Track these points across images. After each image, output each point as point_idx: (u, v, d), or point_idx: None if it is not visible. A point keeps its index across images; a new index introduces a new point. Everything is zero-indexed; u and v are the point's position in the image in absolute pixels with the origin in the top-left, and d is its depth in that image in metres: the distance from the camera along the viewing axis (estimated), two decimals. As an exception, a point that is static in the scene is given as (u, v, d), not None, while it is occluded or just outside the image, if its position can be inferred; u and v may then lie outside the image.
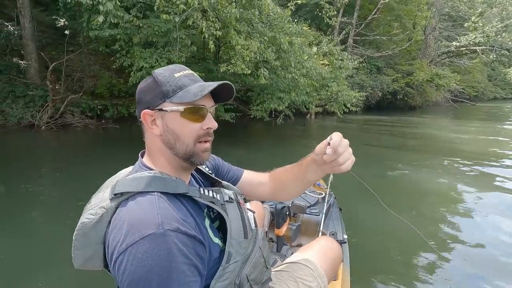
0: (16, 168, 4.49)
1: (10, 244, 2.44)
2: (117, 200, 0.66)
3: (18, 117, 7.27)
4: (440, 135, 9.71)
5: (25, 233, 2.62)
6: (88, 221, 0.67)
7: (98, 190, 0.76)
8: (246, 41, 5.18)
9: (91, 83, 8.92)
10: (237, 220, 0.76)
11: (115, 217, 0.64)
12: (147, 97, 0.72)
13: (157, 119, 0.72)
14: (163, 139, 0.72)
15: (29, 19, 7.65)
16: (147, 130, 0.74)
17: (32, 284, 1.94)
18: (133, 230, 0.58)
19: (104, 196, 0.70)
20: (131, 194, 0.65)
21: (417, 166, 5.35)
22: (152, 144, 0.75)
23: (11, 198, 3.38)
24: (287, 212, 1.59)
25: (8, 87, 7.49)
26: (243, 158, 5.46)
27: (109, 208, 0.66)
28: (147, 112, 0.71)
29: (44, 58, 7.99)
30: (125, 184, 0.66)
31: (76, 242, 0.69)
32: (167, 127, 0.71)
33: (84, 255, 0.70)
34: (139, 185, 0.65)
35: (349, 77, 12.04)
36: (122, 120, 8.81)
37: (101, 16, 4.07)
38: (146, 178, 0.67)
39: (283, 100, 6.79)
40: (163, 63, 5.01)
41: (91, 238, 0.68)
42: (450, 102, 22.92)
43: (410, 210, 3.32)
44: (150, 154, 0.76)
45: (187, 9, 4.36)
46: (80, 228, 0.68)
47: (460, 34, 19.45)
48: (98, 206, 0.68)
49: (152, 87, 0.72)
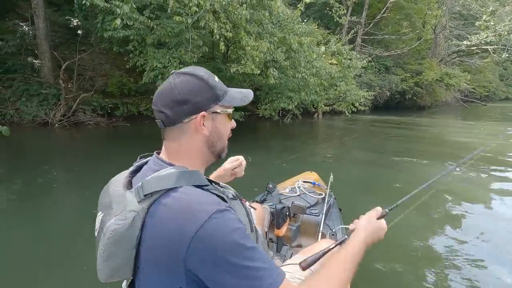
0: (31, 163, 4.63)
1: (25, 232, 2.54)
2: (148, 200, 0.65)
3: (32, 115, 7.46)
4: (449, 135, 9.61)
5: (40, 222, 2.74)
6: (120, 226, 0.64)
7: (104, 204, 0.73)
8: (256, 41, 5.23)
9: (102, 82, 9.10)
10: (243, 215, 0.78)
11: (153, 216, 0.64)
12: (198, 98, 0.73)
13: (207, 120, 0.75)
14: (209, 138, 0.77)
15: (43, 19, 7.82)
16: (192, 131, 0.74)
17: (50, 271, 2.03)
18: (198, 213, 0.61)
19: (129, 200, 0.66)
20: (163, 191, 0.65)
21: (425, 166, 5.33)
22: (192, 144, 0.76)
23: (26, 191, 3.50)
24: (287, 212, 1.58)
25: (23, 86, 7.69)
26: (251, 156, 5.51)
27: (140, 210, 0.64)
28: (203, 114, 0.74)
29: (57, 57, 8.19)
30: (154, 183, 0.66)
31: (106, 252, 0.66)
32: (216, 128, 0.77)
33: (113, 265, 0.67)
34: (171, 181, 0.66)
35: (357, 77, 11.99)
36: (132, 118, 8.96)
37: (118, 19, 4.17)
38: (175, 174, 0.67)
39: (293, 99, 6.82)
40: (176, 63, 5.10)
41: (123, 244, 0.65)
42: (460, 102, 22.59)
43: (415, 210, 3.33)
44: (180, 153, 0.76)
45: (199, 10, 4.43)
46: (112, 235, 0.64)
47: (471, 33, 19.12)
48: (126, 211, 0.65)
49: (203, 89, 0.74)
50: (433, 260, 2.35)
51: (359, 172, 4.92)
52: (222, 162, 1.16)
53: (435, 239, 2.70)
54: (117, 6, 4.16)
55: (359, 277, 1.78)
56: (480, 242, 2.65)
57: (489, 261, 2.34)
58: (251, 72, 5.31)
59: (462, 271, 2.20)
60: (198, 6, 4.35)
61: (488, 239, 2.70)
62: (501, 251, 2.50)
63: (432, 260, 2.35)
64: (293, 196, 2.08)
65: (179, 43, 5.26)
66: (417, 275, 2.15)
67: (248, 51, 5.15)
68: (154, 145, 0.83)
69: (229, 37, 4.99)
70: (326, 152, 6.54)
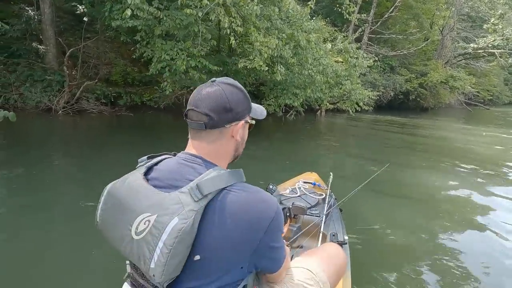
0: (34, 149, 4.64)
1: (29, 218, 2.57)
2: (205, 200, 0.70)
3: (36, 100, 7.45)
4: (451, 138, 9.61)
5: (44, 209, 2.77)
6: (185, 225, 0.67)
7: (152, 205, 0.72)
8: (265, 37, 5.20)
9: (106, 70, 9.06)
10: None
11: (213, 211, 0.71)
12: (240, 108, 0.84)
13: (241, 128, 0.86)
14: (238, 143, 0.89)
15: (48, 5, 7.74)
16: (229, 136, 0.85)
17: (53, 258, 2.06)
18: (271, 199, 0.77)
19: (184, 200, 0.70)
20: (218, 191, 0.72)
21: (424, 168, 5.35)
22: (227, 147, 0.87)
23: (29, 176, 3.52)
24: (288, 213, 1.57)
25: (27, 71, 7.66)
26: (255, 152, 5.53)
27: (199, 208, 0.69)
28: (242, 123, 0.85)
29: (62, 43, 8.14)
30: (210, 184, 0.72)
31: (173, 251, 0.67)
32: (243, 135, 0.90)
33: (175, 263, 0.69)
34: (224, 181, 0.74)
35: (362, 75, 11.92)
36: (135, 108, 8.94)
37: (129, 10, 4.14)
38: (226, 174, 0.76)
39: (298, 96, 6.81)
40: (183, 56, 5.07)
41: (187, 242, 0.68)
42: (463, 105, 22.50)
43: (415, 210, 3.36)
44: (218, 154, 0.85)
45: (210, 4, 4.40)
46: (180, 234, 0.67)
47: (479, 35, 18.95)
48: (186, 210, 0.69)
49: (244, 101, 0.86)
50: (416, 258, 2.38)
51: (359, 172, 4.94)
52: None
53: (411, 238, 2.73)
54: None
55: (360, 278, 1.77)
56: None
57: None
58: (259, 68, 5.29)
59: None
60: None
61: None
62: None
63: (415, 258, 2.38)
64: (293, 197, 2.08)
65: (187, 35, 5.22)
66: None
67: (256, 46, 5.14)
68: (157, 136, 0.86)
69: (239, 31, 4.96)
70: (327, 151, 6.55)
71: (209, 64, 5.50)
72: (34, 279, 1.89)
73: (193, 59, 5.17)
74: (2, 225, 2.50)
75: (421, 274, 2.17)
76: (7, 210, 2.79)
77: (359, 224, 2.77)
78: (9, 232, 2.39)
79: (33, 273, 1.94)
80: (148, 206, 0.72)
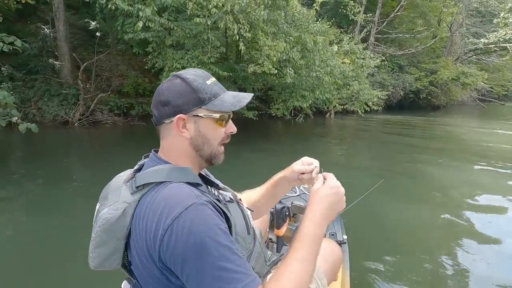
0: (53, 160, 4.83)
1: (46, 221, 2.70)
2: (139, 193, 0.68)
3: (53, 114, 7.74)
4: (464, 135, 9.41)
5: (62, 213, 2.89)
6: (111, 216, 0.68)
7: (102, 196, 0.76)
8: (273, 41, 5.30)
9: (118, 82, 9.34)
10: (240, 217, 0.79)
11: (141, 207, 0.66)
12: (179, 101, 0.73)
13: (188, 123, 0.74)
14: (192, 142, 0.76)
15: (63, 22, 8.09)
16: (175, 132, 0.75)
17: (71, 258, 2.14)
18: (174, 206, 0.62)
19: (123, 192, 0.70)
20: (153, 185, 0.68)
21: (424, 168, 5.24)
22: (177, 144, 0.77)
23: (49, 184, 3.67)
24: (287, 212, 1.58)
25: (44, 86, 7.99)
26: (265, 155, 5.59)
27: (132, 201, 0.68)
28: (181, 117, 0.73)
29: (76, 58, 8.46)
30: (146, 176, 0.70)
31: (97, 239, 0.69)
32: (199, 132, 0.75)
33: (104, 253, 0.70)
34: (161, 175, 0.69)
35: (370, 76, 11.87)
36: (147, 117, 9.15)
37: (141, 22, 4.34)
38: (166, 170, 0.71)
39: (307, 98, 6.86)
40: (194, 64, 5.23)
41: (113, 234, 0.68)
42: (476, 102, 21.99)
43: (415, 211, 3.32)
44: (170, 152, 0.78)
45: (218, 12, 4.54)
46: (103, 224, 0.68)
47: (489, 30, 18.60)
48: (119, 202, 0.69)
49: (186, 92, 0.73)
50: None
51: (367, 172, 4.91)
52: (235, 166, 1.14)
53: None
54: (140, 10, 4.33)
55: (359, 278, 1.76)
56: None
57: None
58: (268, 72, 5.39)
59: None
60: (216, 7, 4.47)
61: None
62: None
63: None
64: (292, 196, 2.05)
65: (196, 44, 5.38)
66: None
67: (265, 50, 5.24)
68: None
69: (248, 37, 5.07)
70: (335, 151, 6.54)
71: (219, 70, 5.64)
72: (43, 277, 1.98)
73: (203, 66, 5.31)
74: (22, 229, 2.63)
75: (421, 275, 2.13)
76: (26, 214, 2.92)
77: (358, 224, 2.70)
78: (25, 233, 2.52)
79: (42, 271, 2.03)
80: (102, 196, 0.77)
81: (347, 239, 1.70)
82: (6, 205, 3.16)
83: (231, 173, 2.98)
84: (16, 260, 2.17)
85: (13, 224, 2.78)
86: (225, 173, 1.44)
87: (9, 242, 2.46)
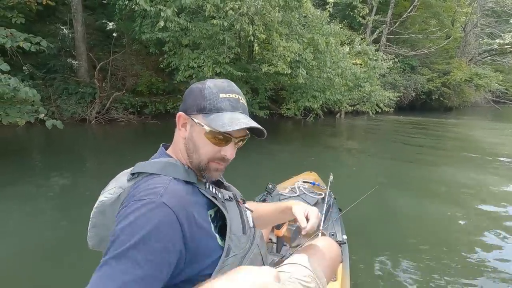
0: (73, 156, 5.03)
1: (66, 211, 2.82)
2: (133, 180, 0.72)
3: (71, 112, 8.02)
4: (477, 137, 9.28)
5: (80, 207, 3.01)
6: (107, 199, 0.73)
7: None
8: (287, 42, 5.40)
9: (133, 81, 9.57)
10: (236, 217, 0.80)
11: (128, 193, 0.70)
12: (189, 101, 0.77)
13: (187, 124, 0.78)
14: (186, 143, 0.78)
15: (80, 23, 8.34)
16: (177, 128, 0.81)
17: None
18: (137, 196, 0.64)
19: (121, 179, 0.76)
20: (146, 174, 0.71)
21: (425, 167, 5.23)
22: (178, 139, 0.81)
23: (71, 179, 3.85)
24: None
25: (63, 85, 8.26)
26: (275, 154, 5.67)
27: (126, 188, 0.72)
28: (182, 114, 0.77)
29: (93, 58, 8.72)
30: (142, 166, 0.74)
31: (93, 220, 0.75)
32: (191, 136, 0.77)
33: (100, 234, 0.75)
34: (155, 167, 0.72)
35: (381, 77, 11.81)
36: (161, 116, 9.36)
37: (162, 21, 4.51)
38: (162, 163, 0.75)
39: (318, 98, 6.93)
40: (209, 63, 5.39)
41: (108, 217, 0.72)
42: (490, 103, 21.54)
43: (416, 210, 3.33)
44: (175, 146, 0.83)
45: (234, 14, 4.68)
46: (99, 206, 0.74)
47: (505, 30, 18.20)
48: (116, 187, 0.74)
49: (197, 95, 0.76)
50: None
51: (387, 171, 4.93)
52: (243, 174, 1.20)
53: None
54: (162, 10, 4.51)
55: (359, 278, 1.78)
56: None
57: None
58: (282, 71, 5.49)
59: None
60: (233, 9, 4.60)
61: None
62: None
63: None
64: (292, 196, 2.08)
65: (212, 44, 5.52)
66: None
67: (280, 51, 5.35)
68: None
69: (262, 38, 5.20)
70: (344, 151, 6.57)
71: (233, 70, 5.77)
72: (53, 273, 2.04)
73: (218, 66, 5.45)
74: (46, 221, 2.78)
75: (421, 275, 2.14)
76: (47, 209, 3.08)
77: (358, 224, 2.66)
78: (44, 227, 2.64)
79: (51, 266, 2.11)
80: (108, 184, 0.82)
81: (347, 239, 1.71)
82: (35, 194, 3.34)
83: (240, 171, 2.99)
84: (37, 252, 2.24)
85: (40, 214, 2.92)
86: (236, 171, 1.46)
87: (33, 230, 2.58)
